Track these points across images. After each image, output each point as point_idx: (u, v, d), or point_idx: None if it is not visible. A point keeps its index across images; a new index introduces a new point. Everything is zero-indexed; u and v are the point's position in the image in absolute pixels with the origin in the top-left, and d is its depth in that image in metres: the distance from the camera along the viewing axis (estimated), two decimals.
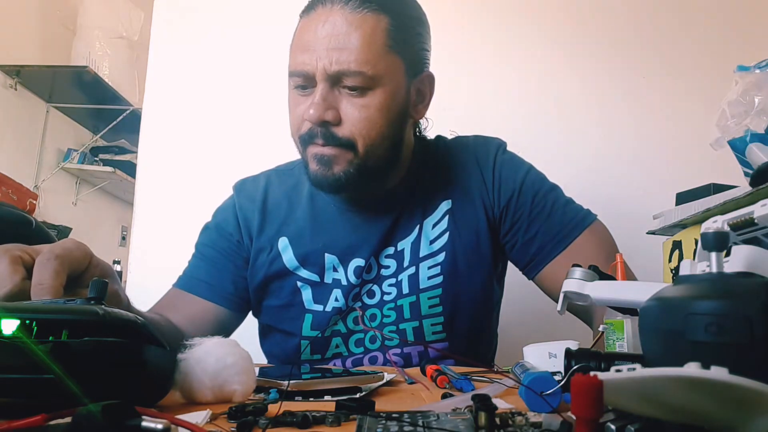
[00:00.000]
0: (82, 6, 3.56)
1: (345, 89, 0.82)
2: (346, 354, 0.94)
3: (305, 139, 0.85)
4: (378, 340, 0.92)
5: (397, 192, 0.95)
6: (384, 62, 0.82)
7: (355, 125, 0.82)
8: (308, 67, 0.81)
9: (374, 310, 0.92)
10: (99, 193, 4.06)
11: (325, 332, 0.92)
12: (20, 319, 0.38)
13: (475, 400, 0.35)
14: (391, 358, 0.91)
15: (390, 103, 0.84)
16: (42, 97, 3.55)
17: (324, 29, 0.80)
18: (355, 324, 0.92)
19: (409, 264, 0.92)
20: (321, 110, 0.81)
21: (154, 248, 1.56)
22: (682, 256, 0.79)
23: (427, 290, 0.91)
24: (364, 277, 0.93)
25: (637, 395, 0.29)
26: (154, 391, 0.44)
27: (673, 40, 1.58)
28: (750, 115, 0.71)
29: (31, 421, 0.31)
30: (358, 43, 0.80)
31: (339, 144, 0.83)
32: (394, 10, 0.84)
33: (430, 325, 0.91)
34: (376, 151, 0.85)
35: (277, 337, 0.99)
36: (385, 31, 0.82)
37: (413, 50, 0.88)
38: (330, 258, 0.93)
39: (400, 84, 0.86)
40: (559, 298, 0.65)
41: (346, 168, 0.84)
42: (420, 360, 0.91)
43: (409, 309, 0.91)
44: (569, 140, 1.54)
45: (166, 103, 1.63)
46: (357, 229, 0.94)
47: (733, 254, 0.38)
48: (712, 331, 0.30)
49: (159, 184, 1.60)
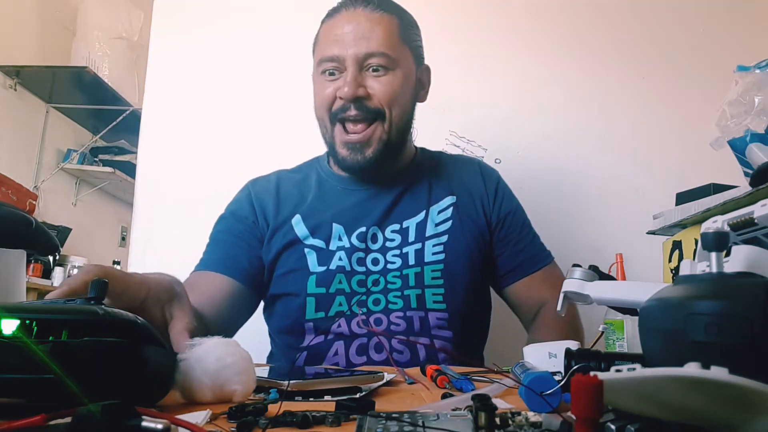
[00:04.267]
0: (81, 6, 3.56)
1: (370, 71, 0.99)
2: (349, 313, 0.98)
3: (336, 114, 1.00)
4: (382, 303, 0.99)
5: (400, 174, 1.09)
6: (399, 49, 1.01)
7: (383, 97, 0.99)
8: (340, 53, 0.98)
9: (378, 276, 1.01)
10: (99, 194, 4.06)
11: (329, 289, 0.99)
12: (20, 319, 0.38)
13: (475, 400, 0.35)
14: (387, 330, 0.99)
15: (408, 82, 1.03)
16: (42, 97, 3.55)
17: (350, 26, 0.99)
18: (359, 286, 1.00)
19: (415, 240, 1.04)
20: (354, 88, 0.97)
21: (153, 248, 1.56)
22: (682, 256, 0.79)
23: (431, 264, 1.02)
24: (370, 245, 1.03)
25: (637, 395, 0.29)
26: (154, 391, 0.44)
27: (673, 40, 1.58)
28: (750, 115, 0.71)
29: (31, 421, 0.31)
30: (381, 32, 0.99)
31: (370, 114, 0.99)
32: (399, 14, 1.04)
33: (432, 294, 1.00)
34: (400, 121, 1.02)
35: (284, 302, 1.03)
36: (397, 26, 1.02)
37: (415, 45, 1.07)
38: (337, 227, 1.04)
39: (412, 69, 1.05)
40: (559, 298, 0.65)
41: (376, 147, 1.00)
42: (420, 325, 0.98)
43: (414, 278, 1.01)
44: (569, 140, 1.54)
45: (166, 103, 1.63)
46: (362, 203, 1.06)
47: (733, 254, 0.38)
48: (712, 331, 0.30)
49: (159, 184, 1.60)
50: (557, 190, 1.51)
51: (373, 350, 0.96)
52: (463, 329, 1.01)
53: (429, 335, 0.98)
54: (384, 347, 0.96)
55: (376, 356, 0.96)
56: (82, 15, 3.54)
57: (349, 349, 0.96)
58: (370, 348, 0.96)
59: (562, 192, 1.51)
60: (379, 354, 0.96)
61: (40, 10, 3.51)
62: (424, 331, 0.98)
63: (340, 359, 0.96)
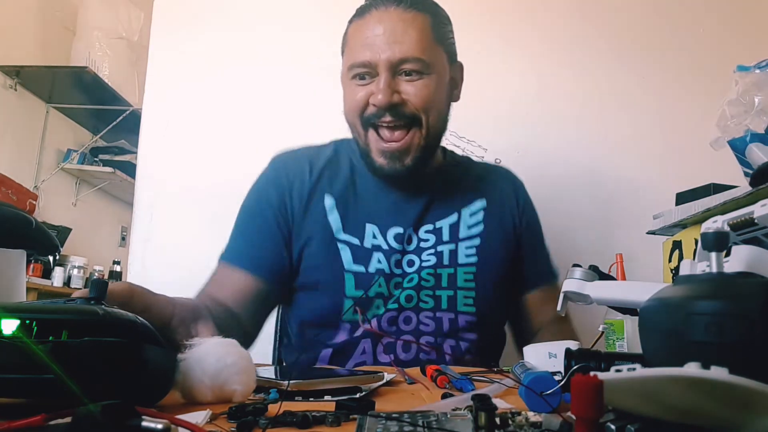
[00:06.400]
0: (81, 6, 3.56)
1: (404, 76, 0.95)
2: (382, 312, 0.97)
3: (369, 119, 0.96)
4: (414, 300, 0.98)
5: (432, 176, 1.06)
6: (434, 51, 0.97)
7: (418, 102, 0.95)
8: (372, 59, 0.94)
9: (413, 275, 0.99)
10: (99, 194, 4.06)
11: (368, 292, 0.98)
12: (20, 319, 0.38)
13: (475, 400, 0.35)
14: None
15: (442, 84, 0.99)
16: (42, 97, 3.55)
17: (382, 28, 0.94)
18: (396, 288, 0.98)
19: (449, 241, 1.03)
20: (388, 95, 0.93)
21: (154, 248, 1.56)
22: (682, 256, 0.79)
23: (464, 266, 1.01)
24: (406, 247, 1.01)
25: (637, 395, 0.29)
26: (154, 391, 0.44)
27: (672, 40, 1.58)
28: (750, 115, 0.71)
29: (31, 421, 0.31)
30: (414, 35, 0.94)
31: (406, 119, 0.95)
32: (433, 11, 0.99)
33: (463, 297, 0.99)
34: (437, 124, 0.99)
35: (315, 296, 1.00)
36: (431, 26, 0.97)
37: (448, 43, 1.02)
38: (371, 227, 1.01)
39: (446, 70, 1.01)
40: (559, 298, 0.65)
41: (415, 154, 0.97)
42: (450, 327, 0.98)
43: (447, 278, 1.00)
44: (569, 140, 1.54)
45: (166, 103, 1.63)
46: (395, 204, 1.03)
47: (733, 254, 0.38)
48: (713, 331, 0.30)
49: (159, 184, 1.60)
50: (557, 190, 1.50)
51: (401, 349, 0.96)
52: (487, 333, 1.01)
53: (456, 337, 0.98)
54: (411, 347, 0.95)
55: (404, 355, 0.95)
56: (82, 15, 3.54)
57: (376, 348, 0.96)
58: (398, 347, 0.96)
59: (562, 192, 1.51)
60: (406, 354, 0.96)
61: (40, 10, 3.51)
62: (452, 332, 0.98)
63: (368, 357, 0.96)
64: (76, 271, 3.50)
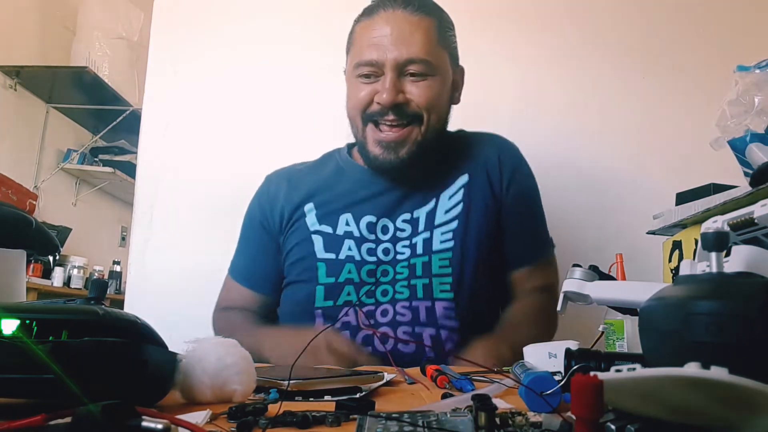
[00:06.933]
0: (81, 6, 3.56)
1: (409, 76, 0.98)
2: (357, 303, 1.00)
3: (371, 116, 1.00)
4: (390, 293, 0.99)
5: (413, 166, 1.05)
6: (438, 54, 1.00)
7: (422, 102, 0.98)
8: (379, 58, 0.97)
9: (388, 267, 1.01)
10: (99, 194, 4.06)
11: (338, 278, 1.00)
12: (20, 319, 0.38)
13: (475, 400, 0.35)
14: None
15: (445, 86, 1.02)
16: (42, 97, 3.55)
17: (389, 29, 0.98)
18: (369, 276, 1.00)
19: (424, 229, 1.03)
20: (394, 95, 0.97)
21: (154, 248, 1.56)
22: (682, 256, 0.79)
23: (439, 252, 1.01)
24: (380, 236, 1.02)
25: (637, 395, 0.29)
26: (154, 391, 0.44)
27: (673, 40, 1.58)
28: (750, 115, 0.71)
29: (31, 421, 0.31)
30: (421, 38, 0.98)
31: (408, 118, 0.98)
32: (438, 15, 1.03)
33: (439, 283, 0.99)
34: (437, 124, 1.01)
35: (294, 289, 1.05)
36: (436, 29, 1.00)
37: (451, 47, 1.05)
38: (345, 216, 1.04)
39: (449, 72, 1.04)
40: (559, 297, 0.65)
41: (410, 148, 0.99)
42: (426, 315, 0.98)
43: (421, 267, 1.00)
44: (569, 140, 1.54)
45: (166, 103, 1.63)
46: (373, 194, 1.05)
47: (733, 254, 0.38)
48: (712, 331, 0.30)
49: (159, 184, 1.59)
50: (557, 189, 1.50)
51: (378, 341, 0.96)
52: (471, 319, 0.99)
53: (436, 325, 0.97)
54: (389, 339, 0.96)
55: (381, 347, 0.96)
56: (82, 15, 3.54)
57: (355, 339, 0.97)
58: (375, 339, 0.96)
59: (562, 192, 1.51)
60: (385, 345, 0.96)
61: (40, 10, 3.50)
62: (431, 321, 0.97)
63: None
64: (76, 271, 3.50)
